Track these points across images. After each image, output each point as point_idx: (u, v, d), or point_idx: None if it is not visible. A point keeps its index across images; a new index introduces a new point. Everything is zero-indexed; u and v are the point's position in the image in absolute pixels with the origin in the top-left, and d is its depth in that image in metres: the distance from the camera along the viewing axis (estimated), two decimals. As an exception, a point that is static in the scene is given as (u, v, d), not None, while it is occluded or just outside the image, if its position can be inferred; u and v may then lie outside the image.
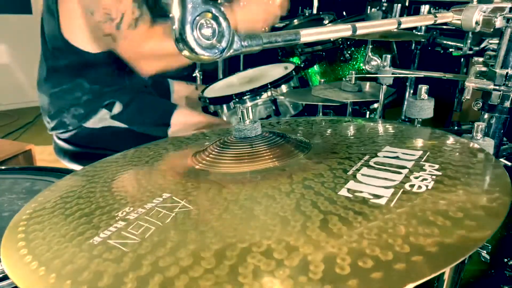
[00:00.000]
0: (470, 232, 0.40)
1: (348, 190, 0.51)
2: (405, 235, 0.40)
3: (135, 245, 0.44)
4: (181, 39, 0.40)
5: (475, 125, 0.70)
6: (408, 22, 0.66)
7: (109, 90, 1.43)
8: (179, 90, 1.86)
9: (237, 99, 1.54)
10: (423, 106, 0.83)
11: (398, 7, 1.43)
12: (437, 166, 0.56)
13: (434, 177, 0.53)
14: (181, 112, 1.50)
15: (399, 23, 0.64)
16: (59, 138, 1.51)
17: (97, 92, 1.42)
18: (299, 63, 2.02)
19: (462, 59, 1.70)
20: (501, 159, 0.91)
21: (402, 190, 0.50)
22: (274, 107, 1.59)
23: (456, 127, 1.43)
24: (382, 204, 0.47)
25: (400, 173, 0.55)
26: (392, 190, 0.50)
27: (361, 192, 0.50)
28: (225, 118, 1.63)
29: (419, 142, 0.69)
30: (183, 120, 1.48)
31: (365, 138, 0.72)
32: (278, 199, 0.51)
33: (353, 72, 1.29)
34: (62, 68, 1.38)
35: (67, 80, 1.39)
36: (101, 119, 1.43)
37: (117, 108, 1.42)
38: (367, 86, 1.35)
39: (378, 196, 0.49)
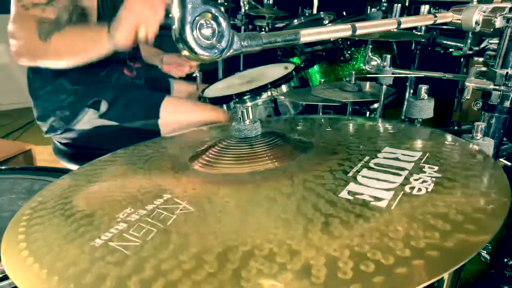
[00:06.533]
0: (470, 235, 0.40)
1: (349, 192, 0.51)
2: (406, 239, 0.40)
3: (137, 247, 0.44)
4: (180, 39, 0.40)
5: (475, 125, 0.70)
6: (408, 22, 0.66)
7: (93, 90, 1.41)
8: (179, 90, 1.85)
9: (237, 99, 1.54)
10: (423, 106, 0.83)
11: (398, 7, 1.42)
12: (436, 168, 0.56)
13: (433, 179, 0.52)
14: (170, 101, 1.47)
15: (399, 23, 0.63)
16: (56, 140, 1.50)
17: (81, 93, 1.39)
18: (299, 63, 2.02)
19: (462, 59, 1.70)
20: (501, 159, 0.91)
21: (402, 192, 0.50)
22: (274, 107, 1.59)
23: (456, 127, 1.43)
24: (382, 207, 0.47)
25: (400, 175, 0.55)
26: (392, 193, 0.50)
27: (361, 194, 0.50)
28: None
29: (419, 143, 0.69)
30: (173, 109, 1.45)
31: (365, 139, 0.71)
32: (279, 201, 0.51)
33: (353, 72, 1.29)
34: (42, 69, 1.36)
35: (49, 81, 1.37)
36: (90, 120, 1.41)
37: (104, 106, 1.40)
38: (367, 86, 1.35)
39: (378, 199, 0.49)
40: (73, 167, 1.51)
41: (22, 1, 1.15)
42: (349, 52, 1.90)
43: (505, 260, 1.10)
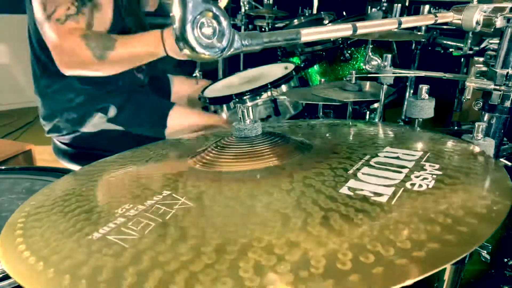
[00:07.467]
0: (471, 229, 0.40)
1: (349, 188, 0.51)
2: (407, 231, 0.40)
3: (135, 240, 0.44)
4: (181, 38, 0.40)
5: (476, 125, 0.70)
6: (408, 22, 0.66)
7: (102, 93, 1.41)
8: (179, 85, 1.85)
9: (237, 99, 1.54)
10: (424, 106, 0.83)
11: (398, 7, 1.42)
12: (437, 166, 0.56)
13: (434, 176, 0.52)
14: (177, 111, 1.49)
15: (400, 23, 0.64)
16: (58, 140, 1.50)
17: (90, 93, 1.39)
18: (299, 63, 2.02)
19: (462, 59, 1.70)
20: (501, 159, 0.91)
21: (403, 188, 0.50)
22: (274, 107, 1.59)
23: (456, 127, 1.43)
24: (383, 202, 0.47)
25: (400, 172, 0.55)
26: (393, 189, 0.50)
27: (362, 190, 0.50)
28: (224, 117, 1.63)
29: (419, 144, 0.69)
30: (180, 120, 1.47)
31: (366, 140, 0.72)
32: (279, 197, 0.51)
33: (353, 72, 1.29)
34: (51, 66, 1.36)
35: (57, 79, 1.37)
36: (97, 123, 1.41)
37: (112, 111, 1.41)
38: (367, 85, 1.35)
39: (379, 194, 0.49)
40: (74, 167, 1.50)
41: (53, 14, 1.16)
42: (349, 52, 1.90)
43: (505, 260, 1.09)
